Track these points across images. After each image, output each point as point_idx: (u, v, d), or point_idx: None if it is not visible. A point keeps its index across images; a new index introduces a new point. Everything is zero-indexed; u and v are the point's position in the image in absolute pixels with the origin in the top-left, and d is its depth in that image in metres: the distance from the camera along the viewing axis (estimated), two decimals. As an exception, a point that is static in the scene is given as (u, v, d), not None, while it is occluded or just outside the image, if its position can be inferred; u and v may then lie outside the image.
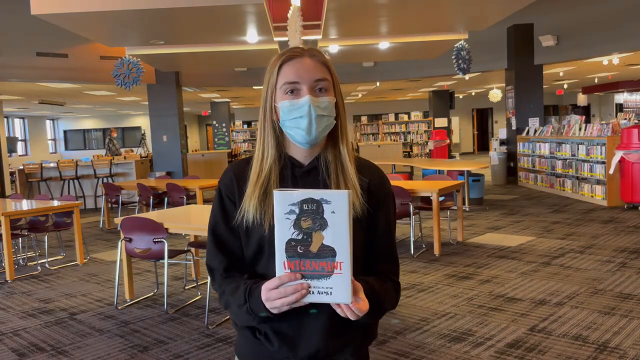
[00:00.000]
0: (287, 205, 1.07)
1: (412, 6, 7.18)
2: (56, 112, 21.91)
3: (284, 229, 1.07)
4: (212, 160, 16.36)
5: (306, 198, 1.06)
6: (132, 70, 8.56)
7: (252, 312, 1.19)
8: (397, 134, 20.85)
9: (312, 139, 1.23)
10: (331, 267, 1.07)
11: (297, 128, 1.23)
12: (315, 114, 1.21)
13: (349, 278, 1.07)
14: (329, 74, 1.26)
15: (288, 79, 1.23)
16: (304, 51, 1.26)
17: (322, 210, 1.06)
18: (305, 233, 1.07)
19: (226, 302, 1.28)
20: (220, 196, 1.32)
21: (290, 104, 1.23)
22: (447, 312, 3.98)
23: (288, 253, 1.08)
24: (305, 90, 1.22)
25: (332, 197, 1.06)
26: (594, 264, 5.10)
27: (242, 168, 1.31)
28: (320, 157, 1.28)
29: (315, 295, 1.09)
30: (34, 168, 11.04)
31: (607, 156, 8.28)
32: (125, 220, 4.35)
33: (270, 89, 1.26)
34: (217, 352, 3.45)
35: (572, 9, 10.31)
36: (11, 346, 3.73)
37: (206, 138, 27.80)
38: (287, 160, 1.29)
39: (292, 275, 1.08)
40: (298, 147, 1.28)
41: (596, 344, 3.27)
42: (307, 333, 1.24)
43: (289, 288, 1.08)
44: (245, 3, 6.39)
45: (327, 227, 1.06)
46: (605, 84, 20.39)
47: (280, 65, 1.25)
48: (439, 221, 5.67)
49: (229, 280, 1.29)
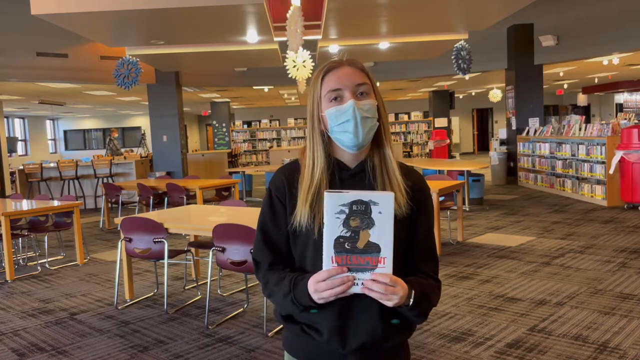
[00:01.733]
0: (338, 206, 1.16)
1: (412, 6, 7.18)
2: (56, 112, 21.91)
3: (333, 227, 1.17)
4: (212, 160, 16.37)
5: (356, 199, 1.16)
6: (131, 70, 8.57)
7: (296, 301, 1.28)
8: (397, 134, 20.85)
9: (360, 141, 1.30)
10: (375, 262, 1.18)
11: (345, 132, 1.30)
12: (360, 116, 1.29)
13: (390, 271, 1.18)
14: (367, 78, 1.34)
15: (331, 87, 1.32)
16: (343, 61, 1.35)
17: (370, 210, 1.16)
18: (353, 231, 1.17)
19: (270, 291, 1.37)
20: (270, 196, 1.40)
21: (336, 110, 1.30)
22: (447, 312, 3.98)
23: (336, 249, 1.17)
24: (348, 95, 1.30)
25: (379, 199, 1.16)
26: (594, 264, 5.10)
27: (293, 172, 1.39)
28: (367, 160, 1.36)
29: (359, 287, 1.19)
30: (34, 168, 11.05)
31: (607, 156, 8.28)
32: (125, 220, 4.35)
33: (316, 100, 1.35)
34: (217, 352, 3.45)
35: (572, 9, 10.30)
36: (11, 346, 3.74)
37: (206, 138, 27.80)
38: (336, 164, 1.36)
39: (339, 268, 1.18)
40: (346, 152, 1.35)
41: (596, 344, 3.27)
42: (356, 324, 1.30)
43: (337, 280, 1.18)
44: (245, 3, 6.39)
45: (374, 226, 1.17)
46: (605, 84, 20.39)
47: (323, 77, 1.34)
48: (439, 221, 5.67)
49: (272, 272, 1.38)
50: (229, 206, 5.18)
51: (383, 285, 1.17)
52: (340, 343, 1.31)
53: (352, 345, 1.31)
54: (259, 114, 24.64)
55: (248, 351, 3.44)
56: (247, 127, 21.42)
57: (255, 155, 21.01)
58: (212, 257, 4.02)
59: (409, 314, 1.29)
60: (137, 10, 6.42)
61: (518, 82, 11.67)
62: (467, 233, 6.81)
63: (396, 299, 1.19)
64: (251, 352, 3.42)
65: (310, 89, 1.36)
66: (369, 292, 1.18)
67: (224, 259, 3.85)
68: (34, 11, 6.15)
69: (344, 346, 1.31)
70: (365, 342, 1.31)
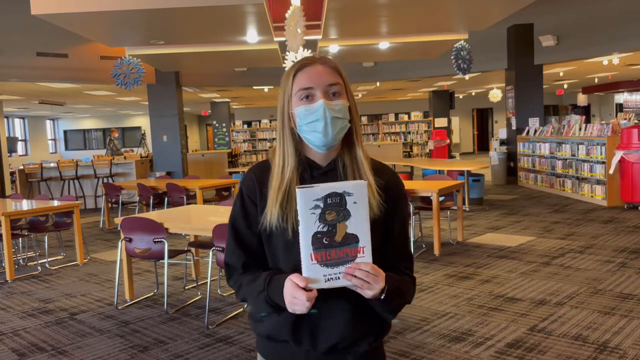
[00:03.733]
0: (312, 201, 1.13)
1: (412, 6, 7.18)
2: (56, 112, 21.91)
3: (309, 223, 1.14)
4: (212, 160, 16.36)
5: (330, 192, 1.13)
6: (133, 70, 8.57)
7: (269, 299, 1.25)
8: (397, 134, 20.85)
9: (329, 141, 1.28)
10: (355, 253, 1.16)
11: (314, 132, 1.28)
12: (330, 116, 1.26)
13: (370, 259, 1.17)
14: (340, 78, 1.31)
15: (302, 85, 1.29)
16: (316, 59, 1.32)
17: (345, 202, 1.14)
18: (330, 225, 1.14)
19: (244, 292, 1.34)
20: (242, 196, 1.38)
21: (305, 109, 1.28)
22: (447, 312, 3.98)
23: (314, 245, 1.15)
24: (319, 94, 1.28)
25: (353, 188, 1.14)
26: (594, 264, 5.10)
27: (264, 171, 1.36)
28: (337, 159, 1.34)
29: (340, 280, 1.17)
30: (34, 168, 11.05)
31: (607, 156, 8.28)
32: (125, 220, 4.35)
33: (286, 97, 1.32)
34: (217, 352, 3.45)
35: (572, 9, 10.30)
36: (11, 346, 3.74)
37: (206, 138, 27.80)
38: (306, 162, 1.34)
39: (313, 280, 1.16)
40: (316, 151, 1.33)
41: (596, 344, 3.27)
42: (328, 325, 1.28)
43: (312, 294, 1.15)
44: (245, 3, 6.39)
45: (350, 217, 1.15)
46: (605, 84, 20.39)
47: (294, 74, 1.31)
48: (439, 221, 5.67)
49: (247, 274, 1.35)
50: (229, 206, 5.17)
51: (365, 273, 1.15)
52: (310, 344, 1.28)
53: (323, 346, 1.28)
54: (259, 114, 24.65)
55: (248, 351, 3.44)
56: (247, 127, 21.41)
57: (255, 155, 21.00)
58: (212, 257, 4.03)
59: (379, 309, 1.27)
60: (137, 10, 6.42)
61: (518, 82, 11.67)
62: (467, 233, 6.81)
63: (377, 288, 1.17)
64: (251, 352, 3.42)
65: (282, 85, 1.33)
66: (351, 279, 1.16)
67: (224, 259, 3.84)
68: (34, 11, 6.15)
69: (315, 347, 1.28)
70: (337, 343, 1.28)
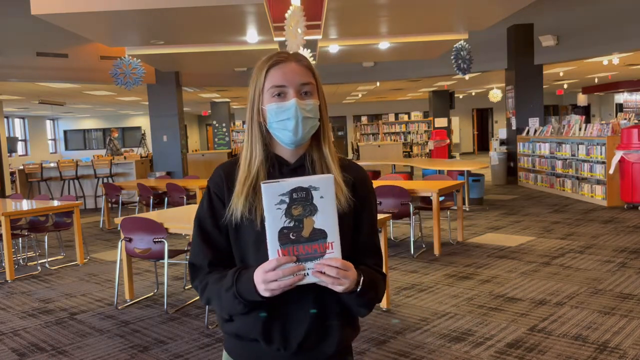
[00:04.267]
0: (277, 196, 1.11)
1: (412, 6, 7.18)
2: (56, 112, 21.91)
3: (275, 219, 1.11)
4: (212, 160, 16.35)
5: (295, 187, 1.11)
6: (133, 70, 8.57)
7: (239, 295, 1.20)
8: (397, 134, 20.84)
9: (298, 139, 1.29)
10: (323, 248, 1.13)
11: (284, 130, 1.28)
12: (301, 116, 1.27)
13: (340, 255, 1.14)
14: (313, 78, 1.31)
15: (275, 82, 1.28)
16: (290, 56, 1.31)
17: (311, 196, 1.12)
18: (297, 220, 1.12)
19: (209, 293, 1.29)
20: (209, 194, 1.35)
21: (277, 107, 1.27)
22: (447, 312, 3.98)
23: (281, 241, 1.12)
24: (292, 93, 1.27)
25: (319, 183, 1.12)
26: (594, 264, 5.10)
27: (232, 168, 1.35)
28: (306, 155, 1.34)
29: (310, 277, 1.13)
30: (34, 168, 11.04)
31: (607, 156, 8.28)
32: (125, 220, 4.35)
33: (258, 92, 1.31)
34: (217, 352, 3.45)
35: (572, 9, 10.31)
36: (11, 346, 3.74)
37: (206, 138, 27.79)
38: (275, 159, 1.33)
39: (288, 257, 1.12)
40: (284, 147, 1.33)
41: (596, 344, 3.27)
42: (291, 322, 1.26)
43: (287, 270, 1.12)
44: (245, 3, 6.39)
45: (317, 212, 1.12)
46: (605, 84, 20.39)
47: (268, 69, 1.29)
48: (439, 221, 5.67)
49: (212, 273, 1.30)
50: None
51: (335, 269, 1.13)
52: (281, 343, 1.26)
53: (294, 345, 1.26)
54: (259, 114, 24.60)
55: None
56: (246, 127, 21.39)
57: (255, 155, 20.99)
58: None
59: (354, 303, 1.24)
60: (137, 10, 6.42)
61: (518, 82, 11.67)
62: (467, 233, 6.81)
63: (347, 282, 1.15)
64: (251, 352, 3.42)
65: (253, 78, 1.32)
66: (320, 277, 1.13)
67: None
68: (34, 11, 6.15)
69: (285, 347, 1.26)
70: (303, 341, 1.26)
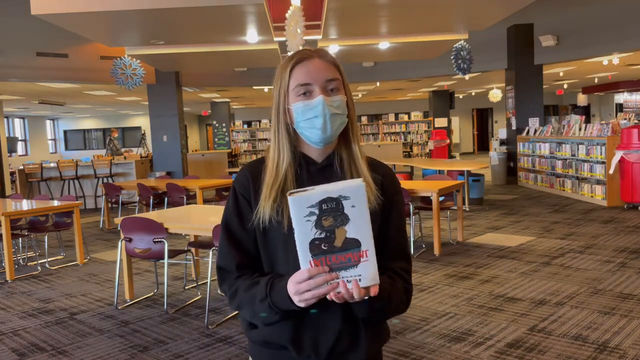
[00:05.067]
0: (306, 208, 1.06)
1: (412, 6, 7.18)
2: (56, 112, 21.91)
3: (305, 231, 1.07)
4: (212, 160, 16.36)
5: (324, 198, 1.05)
6: (133, 70, 8.58)
7: (274, 306, 1.18)
8: (397, 134, 20.84)
9: (327, 137, 1.25)
10: (357, 257, 1.08)
11: (312, 128, 1.25)
12: (329, 112, 1.23)
13: (375, 262, 1.08)
14: (338, 73, 1.28)
15: (300, 80, 1.25)
16: (313, 52, 1.28)
17: (342, 207, 1.06)
18: (328, 231, 1.07)
19: (240, 300, 1.27)
20: (235, 195, 1.32)
21: (304, 105, 1.25)
22: (447, 312, 3.98)
23: (313, 252, 1.08)
24: (318, 90, 1.24)
25: (349, 191, 1.06)
26: (594, 264, 5.10)
27: (258, 168, 1.32)
28: (334, 154, 1.30)
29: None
30: (34, 168, 11.04)
31: (607, 156, 8.28)
32: (125, 220, 4.35)
33: (283, 92, 1.28)
34: (217, 352, 3.45)
35: (572, 9, 10.31)
36: (11, 346, 3.74)
37: (206, 138, 27.79)
38: (302, 158, 1.30)
39: (320, 268, 1.08)
40: (312, 146, 1.30)
41: (596, 344, 3.27)
42: (327, 330, 1.23)
43: (320, 279, 1.08)
44: (245, 3, 6.39)
45: (349, 222, 1.07)
46: (605, 84, 20.38)
47: (291, 68, 1.26)
48: (439, 221, 5.67)
49: (242, 278, 1.28)
50: (229, 206, 5.17)
51: (360, 292, 1.09)
52: (313, 350, 1.24)
53: (323, 352, 1.24)
54: (259, 114, 24.64)
55: (248, 351, 3.43)
56: (247, 127, 21.41)
57: (255, 155, 20.99)
58: (212, 257, 4.02)
59: (362, 314, 1.21)
60: (137, 10, 6.42)
61: (518, 82, 11.67)
62: (467, 233, 6.81)
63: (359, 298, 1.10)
64: (251, 352, 3.42)
65: (277, 78, 1.29)
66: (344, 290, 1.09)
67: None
68: (34, 11, 6.15)
69: (317, 353, 1.24)
70: (333, 348, 1.24)
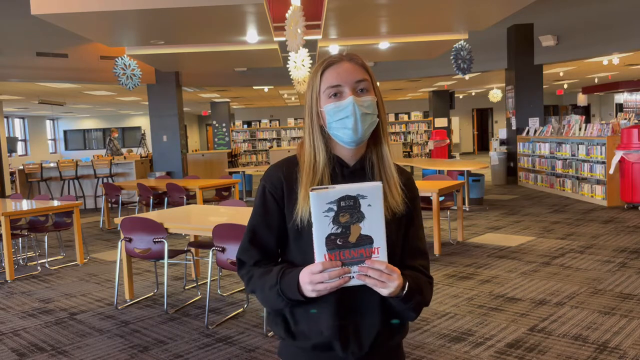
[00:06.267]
0: (325, 204, 1.14)
1: (412, 6, 7.18)
2: (56, 112, 21.91)
3: (323, 226, 1.15)
4: (212, 160, 16.36)
5: (344, 195, 1.14)
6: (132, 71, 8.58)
7: (282, 294, 1.24)
8: (397, 134, 20.85)
9: (359, 137, 1.29)
10: (369, 253, 1.16)
11: (344, 128, 1.28)
12: (360, 112, 1.27)
13: (385, 258, 1.17)
14: (367, 75, 1.32)
15: (330, 83, 1.30)
16: (343, 56, 1.33)
17: (358, 205, 1.14)
18: (344, 227, 1.15)
19: (254, 285, 1.33)
20: (264, 194, 1.35)
21: (335, 106, 1.29)
22: (447, 312, 3.98)
23: (328, 246, 1.15)
24: (348, 91, 1.29)
25: (367, 191, 1.14)
26: (594, 264, 5.10)
27: (292, 169, 1.35)
28: (365, 157, 1.35)
29: (355, 280, 1.17)
30: (34, 168, 11.04)
31: (607, 156, 8.28)
32: (125, 220, 4.35)
33: (315, 95, 1.33)
34: (217, 352, 3.45)
35: (572, 9, 10.31)
36: (11, 346, 3.74)
37: (206, 138, 27.80)
38: (335, 160, 1.34)
39: (334, 262, 1.15)
40: (344, 148, 1.33)
41: (596, 344, 3.27)
42: (358, 325, 1.28)
43: (333, 272, 1.15)
44: (245, 3, 6.39)
45: (364, 219, 1.15)
46: (605, 84, 20.38)
47: (322, 72, 1.32)
48: (439, 221, 5.67)
49: (258, 266, 1.34)
50: (229, 206, 5.18)
51: (379, 272, 1.15)
52: (357, 345, 1.28)
53: (355, 347, 1.28)
54: (259, 114, 24.64)
55: (248, 351, 3.44)
56: (247, 127, 21.42)
57: (255, 155, 21.00)
58: (212, 257, 4.03)
59: (402, 308, 1.26)
60: (137, 10, 6.42)
61: (518, 82, 11.67)
62: (467, 233, 6.81)
63: (392, 287, 1.16)
64: (251, 352, 3.42)
65: (310, 83, 1.34)
66: (365, 279, 1.16)
67: (224, 259, 3.85)
68: (34, 11, 6.15)
69: (360, 348, 1.28)
70: (371, 343, 1.28)
